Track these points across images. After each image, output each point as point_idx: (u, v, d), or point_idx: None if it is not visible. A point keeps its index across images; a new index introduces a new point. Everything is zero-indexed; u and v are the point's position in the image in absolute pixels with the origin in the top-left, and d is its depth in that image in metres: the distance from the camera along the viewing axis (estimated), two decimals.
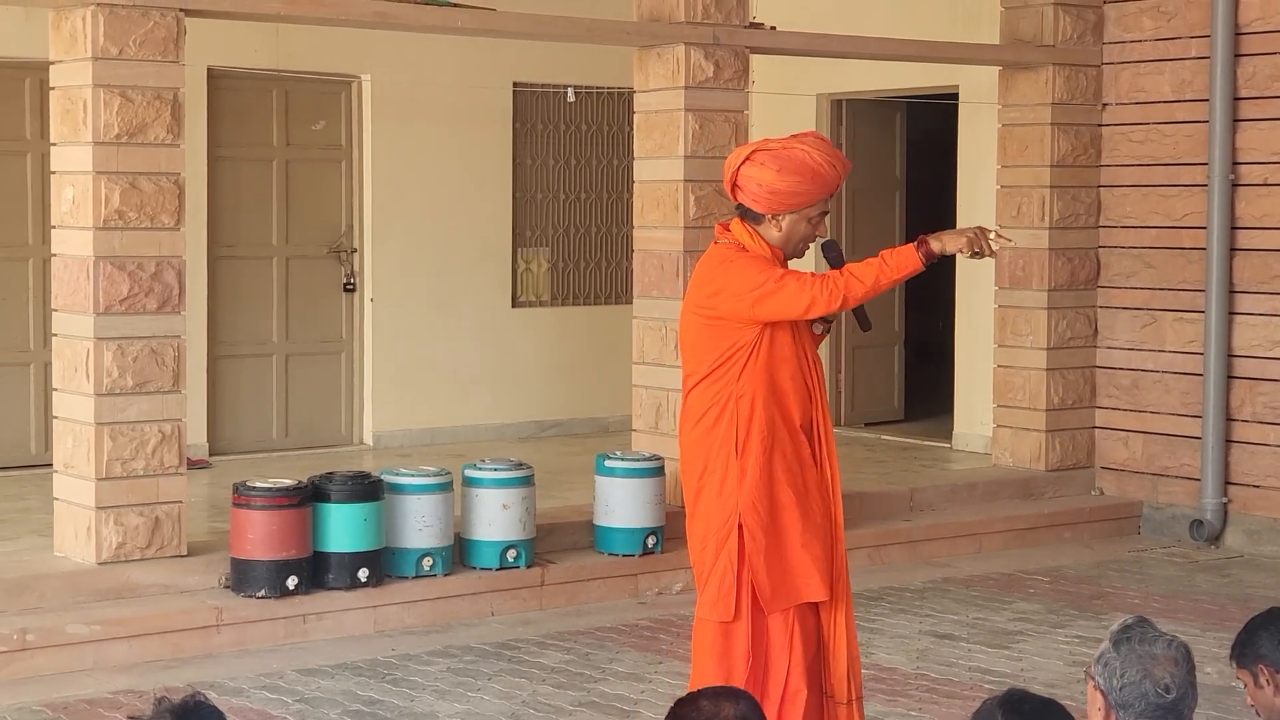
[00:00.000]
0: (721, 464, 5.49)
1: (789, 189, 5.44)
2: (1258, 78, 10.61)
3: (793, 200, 5.45)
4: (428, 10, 9.29)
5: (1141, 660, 3.89)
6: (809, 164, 5.43)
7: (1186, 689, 3.91)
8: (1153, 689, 3.86)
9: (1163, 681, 3.86)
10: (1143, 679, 3.86)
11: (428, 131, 12.74)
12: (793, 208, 5.46)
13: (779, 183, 5.44)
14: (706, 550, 5.50)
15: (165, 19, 8.23)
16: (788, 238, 5.50)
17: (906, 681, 7.60)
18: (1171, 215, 11.05)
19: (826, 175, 5.44)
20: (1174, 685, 3.87)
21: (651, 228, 9.93)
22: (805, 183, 5.44)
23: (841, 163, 5.50)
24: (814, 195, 5.46)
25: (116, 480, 8.16)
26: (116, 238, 8.14)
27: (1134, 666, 3.88)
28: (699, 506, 5.54)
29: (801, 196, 5.45)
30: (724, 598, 5.45)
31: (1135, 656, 3.90)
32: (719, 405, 5.48)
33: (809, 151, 5.44)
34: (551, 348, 13.40)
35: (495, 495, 8.81)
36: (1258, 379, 10.64)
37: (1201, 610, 8.98)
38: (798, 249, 5.56)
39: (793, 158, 5.43)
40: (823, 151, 5.47)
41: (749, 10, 10.16)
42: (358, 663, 7.85)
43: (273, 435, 12.29)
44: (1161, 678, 3.87)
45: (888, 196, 13.89)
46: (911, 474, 11.52)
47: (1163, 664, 3.89)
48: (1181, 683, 3.89)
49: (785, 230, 5.49)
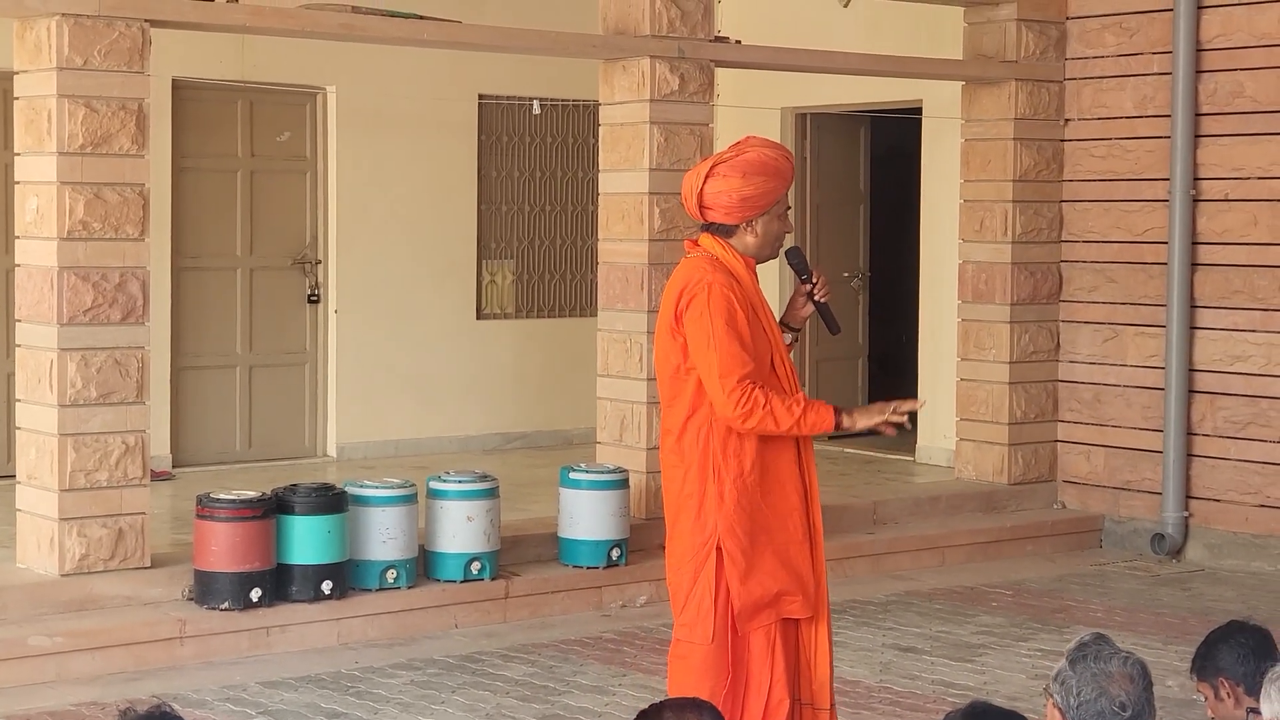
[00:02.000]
0: (698, 485, 5.46)
1: (758, 191, 5.50)
2: (1219, 94, 10.68)
3: (763, 201, 5.51)
4: (393, 22, 9.29)
5: (1097, 679, 3.91)
6: (768, 162, 5.51)
7: (1143, 706, 3.93)
8: (1109, 707, 3.88)
9: (1119, 699, 3.89)
10: (1099, 697, 3.89)
11: (393, 143, 12.74)
12: (764, 209, 5.52)
13: (747, 188, 5.50)
14: (683, 572, 5.48)
15: (130, 29, 8.21)
16: (763, 240, 5.53)
17: (870, 695, 7.62)
18: (1133, 230, 11.11)
19: (784, 169, 5.55)
20: (1130, 703, 3.90)
21: (616, 240, 9.94)
22: (770, 180, 5.51)
23: (790, 155, 5.64)
24: (780, 190, 5.54)
25: (80, 491, 8.14)
26: (80, 248, 8.12)
27: (1090, 685, 3.91)
28: (677, 527, 5.51)
29: (770, 194, 5.52)
30: (702, 620, 5.44)
31: (1091, 675, 3.92)
32: (695, 425, 5.47)
33: (761, 151, 5.54)
34: (516, 360, 13.40)
35: (459, 507, 8.81)
36: (1218, 393, 10.70)
37: (1163, 623, 9.02)
38: (774, 249, 5.59)
39: (751, 161, 5.51)
40: (772, 148, 5.58)
41: (714, 24, 10.19)
42: (321, 675, 7.84)
43: (236, 447, 12.26)
44: (1118, 695, 3.89)
45: (852, 210, 13.94)
46: (874, 487, 11.55)
47: (1119, 682, 3.92)
48: (1138, 700, 3.92)
49: (760, 233, 5.53)
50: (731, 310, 5.41)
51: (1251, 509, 10.57)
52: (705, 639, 5.43)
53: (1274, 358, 10.47)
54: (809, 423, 5.38)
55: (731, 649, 5.44)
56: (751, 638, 5.45)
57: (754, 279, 5.56)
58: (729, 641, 5.43)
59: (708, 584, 5.44)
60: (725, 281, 5.45)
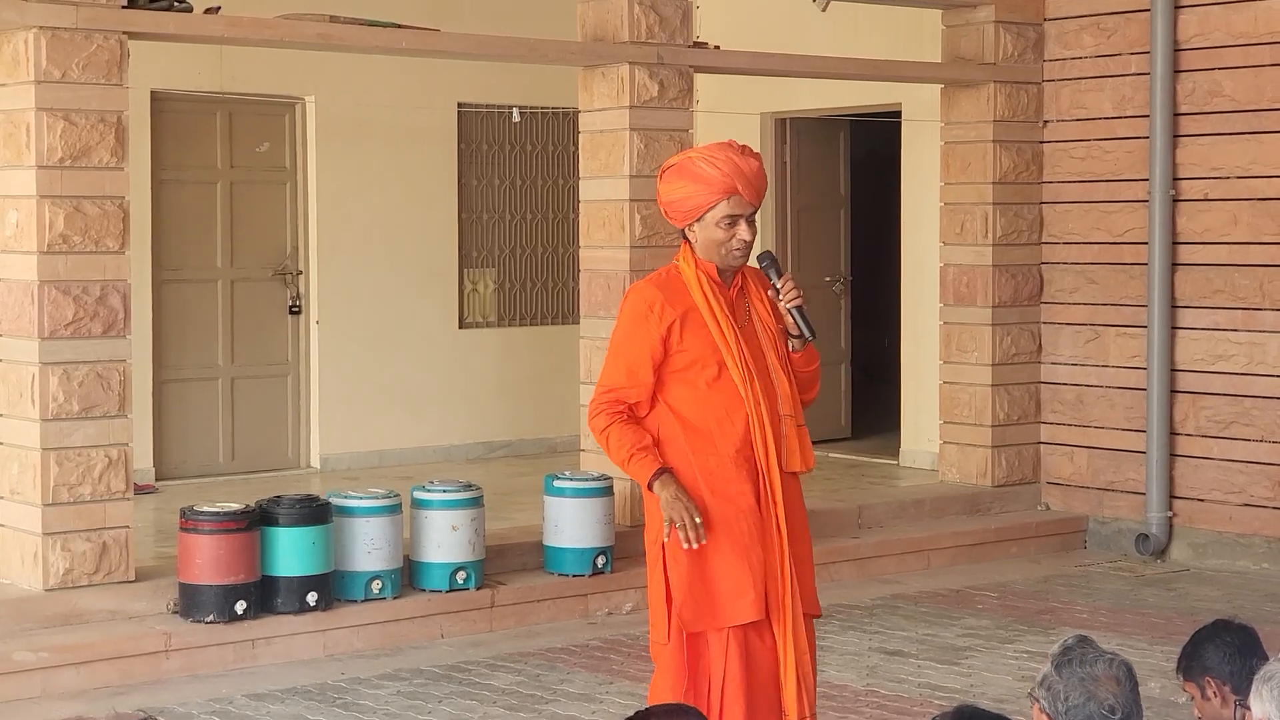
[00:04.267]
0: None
1: (678, 197, 5.49)
2: (1197, 93, 10.71)
3: (687, 206, 5.48)
4: (371, 31, 9.28)
5: (1084, 682, 3.91)
6: (689, 168, 5.46)
7: (1131, 707, 3.93)
8: (1098, 710, 3.88)
9: (1107, 703, 3.89)
10: (1087, 701, 3.89)
11: (372, 153, 12.73)
12: (693, 214, 5.48)
13: (669, 193, 5.51)
14: (647, 571, 5.55)
15: (108, 42, 8.20)
16: (705, 246, 5.50)
17: (857, 699, 7.62)
18: (1113, 231, 11.13)
19: (707, 176, 5.42)
20: (1118, 705, 3.90)
21: (597, 247, 9.94)
22: (688, 186, 5.45)
23: (728, 162, 5.42)
24: (703, 198, 5.43)
25: (63, 506, 8.12)
26: (61, 262, 8.10)
27: (1077, 689, 3.90)
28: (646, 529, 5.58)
29: (691, 200, 5.46)
30: (658, 620, 5.48)
31: (1078, 679, 3.92)
32: (649, 425, 5.51)
33: (693, 157, 5.49)
34: (499, 368, 13.39)
35: (444, 517, 8.79)
36: (1200, 393, 10.72)
37: (1148, 624, 9.04)
38: (724, 259, 5.50)
39: (679, 167, 5.50)
40: (705, 154, 5.46)
41: (693, 30, 10.19)
42: (307, 687, 7.83)
43: (219, 459, 12.24)
44: (1105, 698, 3.89)
45: (832, 214, 13.95)
46: (859, 491, 11.56)
47: (1105, 684, 3.91)
48: (1126, 701, 3.92)
49: (700, 239, 5.50)
50: (639, 320, 5.46)
51: (1235, 508, 10.59)
52: (661, 639, 5.45)
53: (1255, 357, 10.49)
54: (632, 471, 5.46)
55: (689, 649, 5.44)
56: (709, 639, 5.44)
57: (717, 284, 5.51)
58: (684, 642, 5.42)
59: (659, 583, 5.47)
60: (654, 289, 5.49)
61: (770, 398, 5.50)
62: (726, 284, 5.56)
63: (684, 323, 5.46)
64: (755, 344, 5.55)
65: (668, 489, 5.35)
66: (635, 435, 5.45)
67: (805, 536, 5.61)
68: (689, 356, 5.46)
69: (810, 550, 5.63)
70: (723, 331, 5.47)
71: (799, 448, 5.54)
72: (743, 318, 5.56)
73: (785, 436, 5.51)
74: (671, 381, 5.50)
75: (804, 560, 5.57)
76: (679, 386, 5.50)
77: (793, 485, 5.56)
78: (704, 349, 5.46)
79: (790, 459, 5.51)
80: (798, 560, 5.53)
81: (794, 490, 5.57)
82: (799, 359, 5.60)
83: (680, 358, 5.48)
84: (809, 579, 5.59)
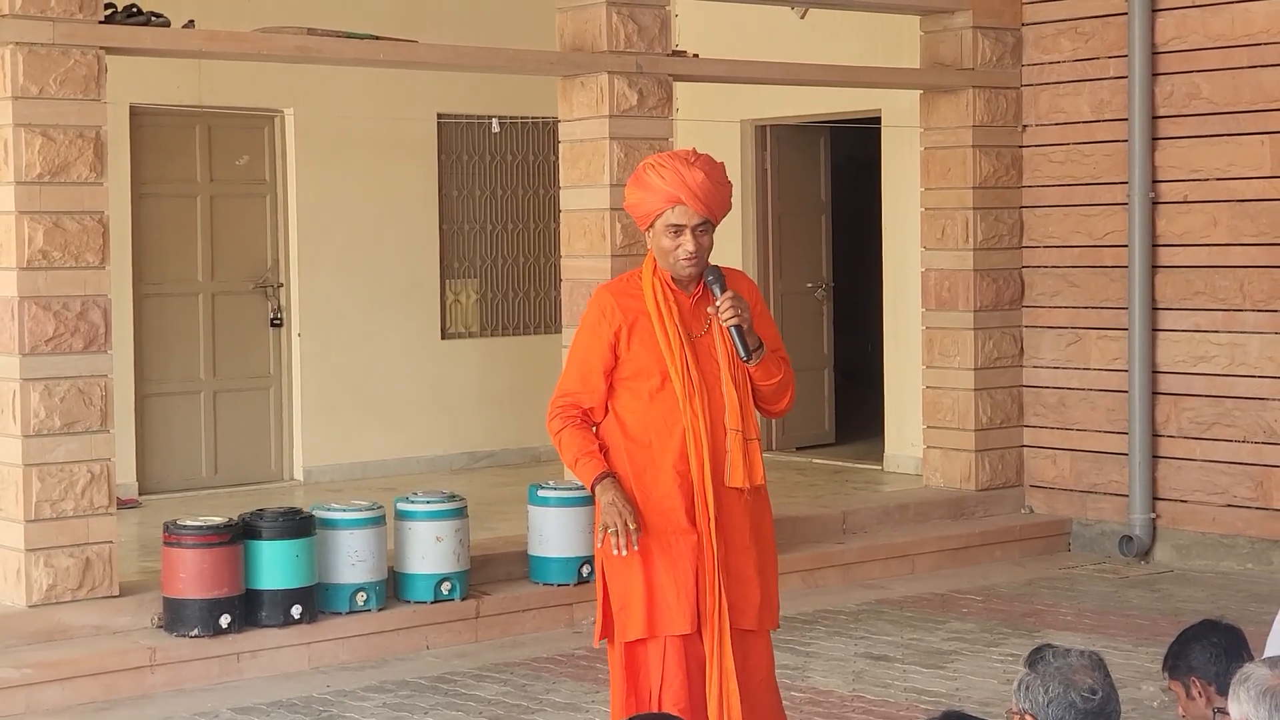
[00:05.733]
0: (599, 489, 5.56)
1: (631, 202, 5.54)
2: (1175, 96, 10.74)
3: (639, 213, 5.52)
4: (349, 43, 9.28)
5: (1060, 672, 3.97)
6: (641, 176, 5.50)
7: (1110, 690, 3.99)
8: (1079, 696, 3.93)
9: (1086, 684, 3.95)
10: (1067, 689, 3.94)
11: (352, 164, 12.72)
12: (645, 221, 5.51)
13: (627, 198, 5.58)
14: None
15: (86, 57, 8.19)
16: (658, 253, 5.52)
17: (843, 704, 7.62)
18: (1093, 234, 11.15)
19: (652, 184, 5.43)
20: (1098, 686, 3.96)
21: (578, 257, 9.95)
22: (637, 193, 5.50)
23: (673, 172, 5.41)
24: (649, 205, 5.45)
25: (46, 521, 8.10)
26: (41, 277, 8.09)
27: (1055, 680, 3.95)
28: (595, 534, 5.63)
29: (641, 207, 5.50)
30: (597, 621, 5.53)
31: (1053, 670, 3.98)
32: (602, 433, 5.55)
33: (647, 164, 5.51)
34: (482, 378, 13.39)
35: (428, 528, 8.79)
36: (1182, 394, 10.75)
37: (1133, 625, 9.05)
38: (673, 268, 5.49)
39: (635, 172, 5.55)
40: (656, 162, 5.47)
41: (671, 38, 10.20)
42: (293, 700, 7.81)
43: (202, 473, 12.22)
44: (1084, 682, 3.95)
45: (813, 220, 13.97)
46: (843, 496, 11.57)
47: (1081, 672, 3.98)
48: (1104, 684, 3.98)
49: (654, 246, 5.53)
50: (593, 326, 5.51)
51: (1218, 509, 10.61)
52: (598, 640, 5.51)
53: (1237, 358, 10.52)
54: (579, 474, 5.52)
55: (627, 657, 5.43)
56: (648, 648, 5.42)
57: (674, 291, 5.49)
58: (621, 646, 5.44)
59: (600, 587, 5.51)
60: (609, 295, 5.53)
61: (716, 411, 5.45)
62: (687, 292, 5.54)
63: (632, 330, 5.46)
64: (710, 355, 5.50)
65: (606, 494, 5.38)
66: (583, 440, 5.49)
67: (754, 551, 5.51)
68: (635, 365, 5.46)
69: (761, 565, 5.53)
70: (669, 341, 5.44)
71: (744, 463, 5.46)
72: (700, 328, 5.51)
73: (730, 452, 5.45)
74: (620, 389, 5.52)
75: (747, 576, 5.48)
76: (626, 395, 5.50)
77: (737, 500, 5.48)
78: (649, 358, 5.45)
79: (733, 474, 5.45)
80: (739, 576, 5.46)
81: (741, 506, 5.49)
82: (756, 373, 5.53)
83: (627, 365, 5.48)
84: (755, 594, 5.50)
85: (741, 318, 5.41)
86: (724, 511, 5.45)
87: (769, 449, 13.42)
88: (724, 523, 5.45)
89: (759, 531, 5.56)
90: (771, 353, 5.55)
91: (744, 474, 5.48)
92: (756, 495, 5.55)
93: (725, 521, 5.45)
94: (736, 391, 5.49)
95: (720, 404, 5.47)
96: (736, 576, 5.46)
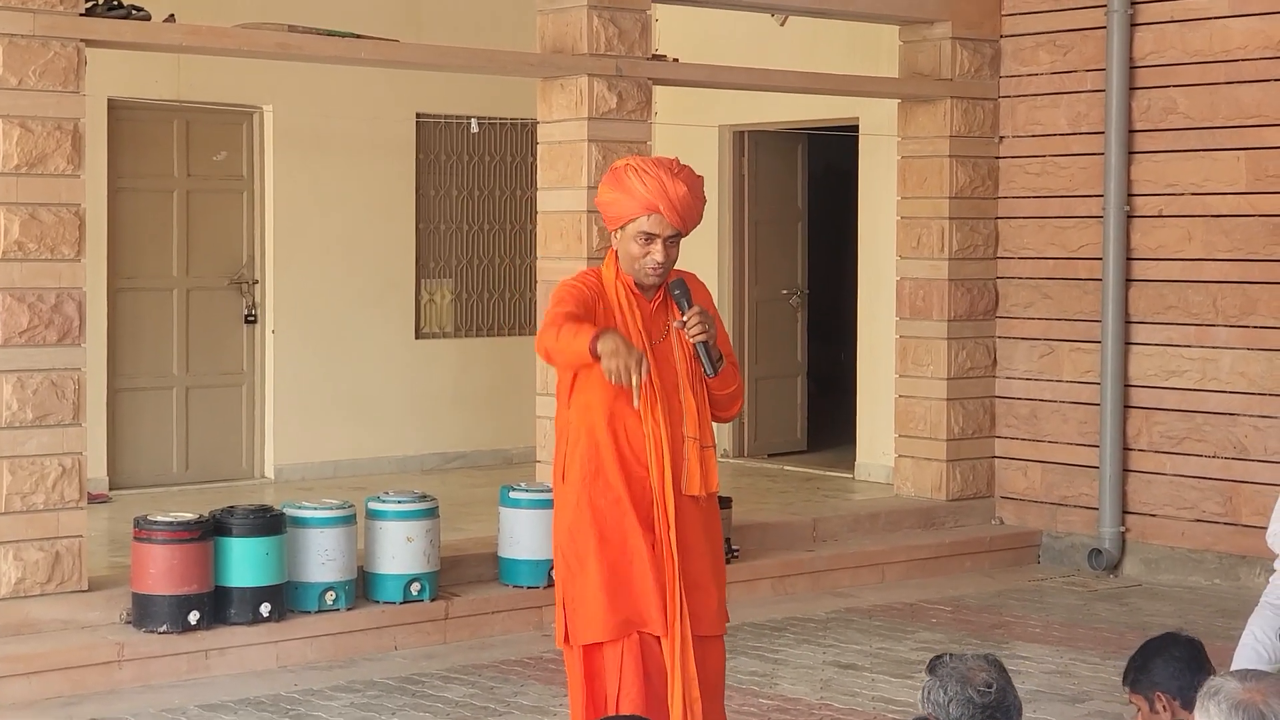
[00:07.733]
0: (556, 488, 5.55)
1: (605, 201, 5.50)
2: (1152, 110, 10.78)
3: (611, 213, 5.48)
4: (330, 41, 9.27)
5: (957, 672, 4.10)
6: (620, 177, 5.46)
7: (1006, 685, 4.10)
8: (975, 692, 4.05)
9: (981, 680, 4.07)
10: (964, 686, 4.06)
11: (330, 162, 12.71)
12: (616, 222, 5.47)
13: (601, 195, 5.53)
14: None
15: (65, 49, 8.17)
16: (624, 257, 5.48)
17: (811, 712, 7.63)
18: (1068, 246, 11.19)
19: (632, 189, 5.40)
20: (994, 681, 4.08)
21: (555, 258, 9.95)
22: (613, 194, 5.46)
23: (656, 180, 5.39)
24: (624, 208, 5.42)
25: (16, 514, 8.08)
26: (16, 269, 8.07)
27: (952, 680, 4.08)
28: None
29: (614, 208, 5.46)
30: (556, 622, 5.52)
31: (950, 671, 4.11)
32: (560, 429, 5.51)
33: (629, 166, 5.47)
34: (455, 379, 13.38)
35: (399, 528, 8.78)
36: (1154, 408, 10.78)
37: (1100, 638, 9.08)
38: (638, 274, 5.47)
39: (615, 172, 5.49)
40: (639, 166, 5.44)
41: (652, 42, 10.21)
42: (260, 698, 7.80)
43: (173, 469, 12.19)
44: (980, 679, 4.08)
45: (790, 227, 13.99)
46: (814, 504, 11.58)
47: (976, 670, 4.11)
48: (999, 679, 4.09)
49: (620, 250, 5.49)
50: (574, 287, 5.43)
51: (1187, 524, 10.65)
52: (559, 642, 5.50)
53: (1208, 372, 10.56)
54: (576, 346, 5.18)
55: (585, 660, 5.43)
56: (605, 651, 5.41)
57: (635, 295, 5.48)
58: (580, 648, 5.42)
59: (559, 587, 5.50)
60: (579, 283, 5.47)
61: (674, 417, 5.45)
62: (648, 298, 5.53)
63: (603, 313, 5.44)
64: (669, 362, 5.49)
65: (609, 342, 5.14)
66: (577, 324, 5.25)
67: (709, 558, 5.53)
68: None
69: (715, 570, 5.54)
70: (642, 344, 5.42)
71: (699, 470, 5.46)
72: (660, 334, 5.50)
73: (687, 459, 5.45)
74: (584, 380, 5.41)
75: (703, 582, 5.49)
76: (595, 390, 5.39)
77: (693, 508, 5.48)
78: None
79: (690, 482, 5.45)
80: (695, 583, 5.46)
81: (695, 512, 5.49)
82: (714, 382, 5.54)
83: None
84: (712, 600, 5.51)
85: (709, 334, 5.41)
86: (680, 518, 5.45)
87: (741, 455, 13.44)
88: (680, 529, 5.45)
89: (711, 538, 5.58)
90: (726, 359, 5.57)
91: (700, 481, 5.47)
92: (709, 502, 5.57)
93: (682, 528, 5.45)
94: (694, 399, 5.49)
95: (679, 411, 5.47)
96: (693, 583, 5.46)
